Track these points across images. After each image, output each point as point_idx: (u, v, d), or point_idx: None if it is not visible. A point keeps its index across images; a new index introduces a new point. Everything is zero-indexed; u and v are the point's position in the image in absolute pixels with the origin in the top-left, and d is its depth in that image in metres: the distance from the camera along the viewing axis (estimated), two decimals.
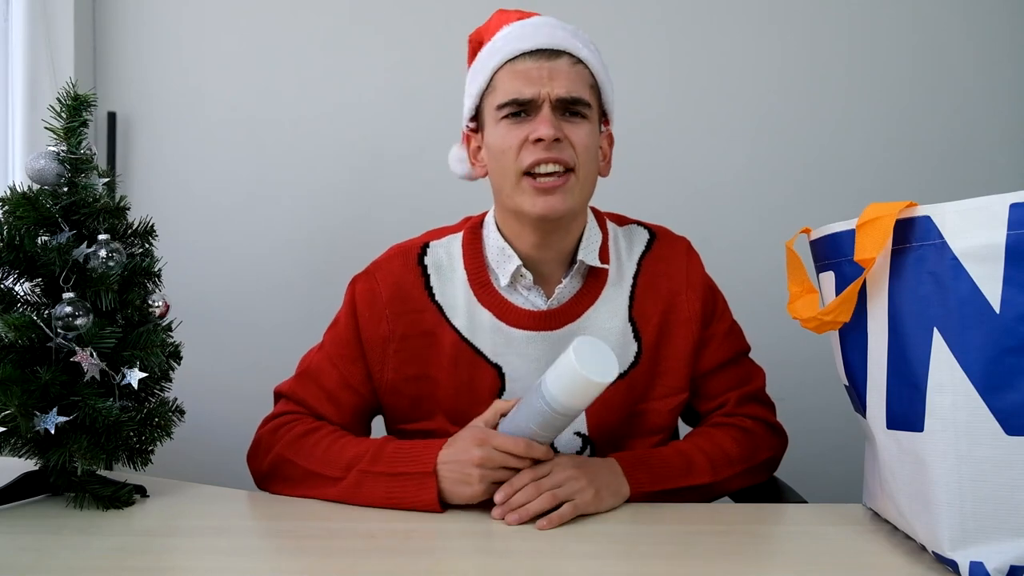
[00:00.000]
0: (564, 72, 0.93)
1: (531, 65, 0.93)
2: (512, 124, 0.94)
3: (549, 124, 0.91)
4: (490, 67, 0.96)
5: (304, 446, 0.95)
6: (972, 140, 1.71)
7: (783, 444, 1.07)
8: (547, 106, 0.92)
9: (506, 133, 0.94)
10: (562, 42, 0.94)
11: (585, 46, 0.96)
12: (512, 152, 0.93)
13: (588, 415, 1.00)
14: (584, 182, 0.95)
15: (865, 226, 0.73)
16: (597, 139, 0.97)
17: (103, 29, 1.73)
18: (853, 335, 0.80)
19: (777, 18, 1.72)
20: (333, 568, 0.73)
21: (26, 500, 0.90)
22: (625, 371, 1.01)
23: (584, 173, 0.94)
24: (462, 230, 1.05)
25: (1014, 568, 0.65)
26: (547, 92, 0.92)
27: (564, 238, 0.99)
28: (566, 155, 0.92)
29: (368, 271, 1.05)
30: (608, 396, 0.99)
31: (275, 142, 1.73)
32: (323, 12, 1.73)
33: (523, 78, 0.93)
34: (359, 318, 1.02)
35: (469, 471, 0.85)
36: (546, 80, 0.92)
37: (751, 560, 0.76)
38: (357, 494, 0.89)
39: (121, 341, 0.86)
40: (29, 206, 0.86)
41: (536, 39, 0.94)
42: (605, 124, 1.01)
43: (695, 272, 1.06)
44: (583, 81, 0.94)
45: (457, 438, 0.89)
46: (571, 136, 0.93)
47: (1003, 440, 0.65)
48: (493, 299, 1.00)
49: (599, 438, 1.01)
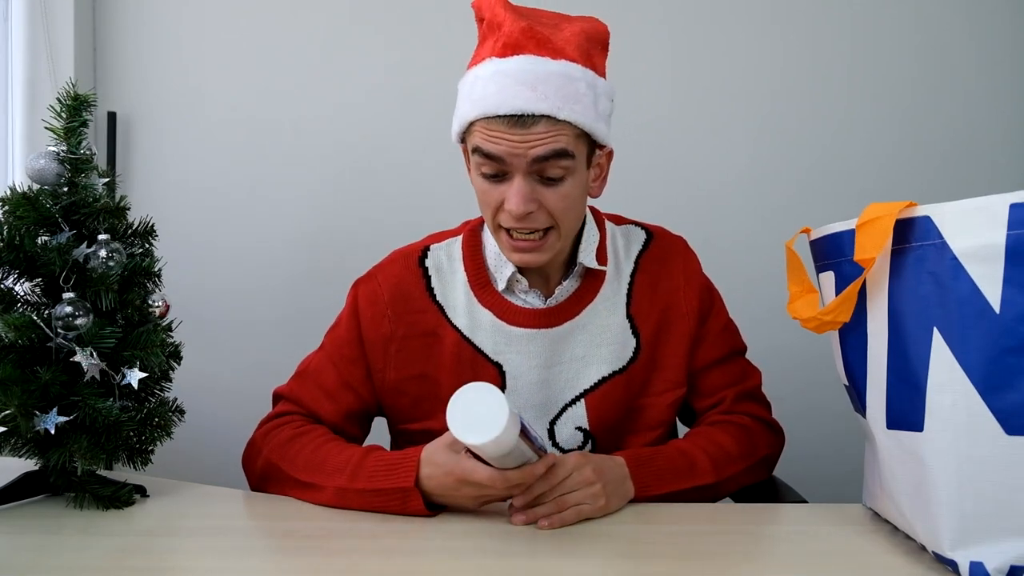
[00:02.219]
0: (540, 136, 0.86)
1: (504, 132, 0.87)
2: (488, 181, 0.91)
3: (521, 199, 0.88)
4: (466, 117, 0.91)
5: (289, 451, 0.95)
6: (972, 140, 1.71)
7: (781, 442, 1.07)
8: (520, 176, 0.88)
9: (484, 188, 0.92)
10: (539, 104, 0.85)
11: (570, 98, 0.87)
12: (489, 209, 0.93)
13: (589, 410, 1.01)
14: (567, 232, 0.95)
15: (865, 226, 0.73)
16: (581, 183, 0.93)
17: (103, 29, 1.73)
18: (853, 335, 0.80)
19: (778, 18, 1.72)
20: (333, 568, 0.73)
21: (26, 500, 0.90)
22: (624, 366, 1.02)
23: (565, 226, 0.94)
24: (462, 233, 1.06)
25: (1014, 568, 0.65)
26: (520, 160, 0.87)
27: (558, 254, 0.99)
28: (539, 222, 0.91)
29: (370, 274, 1.06)
30: (608, 391, 1.01)
31: (275, 142, 1.73)
32: (323, 12, 1.73)
33: (496, 140, 0.87)
34: (361, 318, 1.02)
35: (458, 495, 0.84)
36: (519, 148, 0.87)
37: (751, 560, 0.76)
38: (341, 505, 0.89)
39: (121, 341, 0.86)
40: (29, 206, 0.86)
41: (510, 102, 0.86)
42: (600, 148, 0.96)
43: (692, 270, 1.07)
44: (565, 136, 0.88)
45: (435, 467, 0.84)
46: (547, 201, 0.90)
47: (1003, 440, 0.65)
48: (493, 299, 1.01)
49: (600, 432, 1.02)
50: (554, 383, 1.01)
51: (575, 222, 0.97)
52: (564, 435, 1.01)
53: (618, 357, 1.02)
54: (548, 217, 0.91)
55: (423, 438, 0.89)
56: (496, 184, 0.91)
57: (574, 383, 1.01)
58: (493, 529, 0.82)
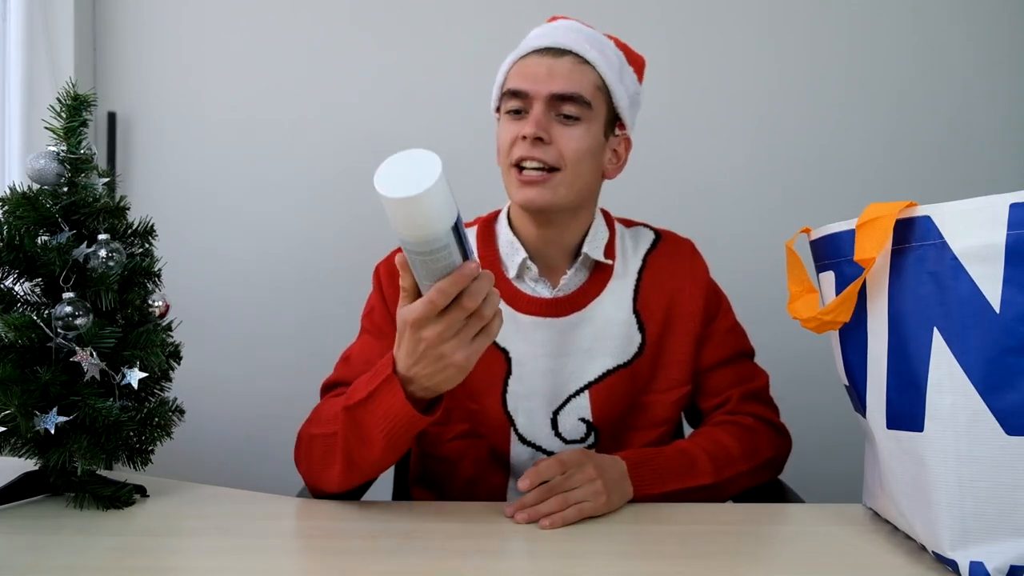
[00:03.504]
0: (565, 70, 0.95)
1: (534, 61, 0.97)
2: (511, 120, 0.98)
3: (534, 123, 0.94)
4: (506, 64, 1.01)
5: (317, 415, 0.95)
6: (972, 140, 1.71)
7: (786, 445, 1.07)
8: (540, 104, 0.95)
9: (506, 128, 0.99)
10: (570, 42, 0.97)
11: (598, 48, 0.98)
12: (507, 146, 0.98)
13: (592, 402, 1.01)
14: (572, 182, 0.96)
15: (865, 226, 0.73)
16: (595, 142, 0.98)
17: (103, 29, 1.73)
18: (853, 335, 0.80)
19: (777, 18, 1.72)
20: (333, 568, 0.73)
21: (26, 500, 0.90)
22: (629, 361, 1.03)
23: (572, 174, 0.96)
24: (477, 224, 1.10)
25: (1014, 568, 0.65)
26: (542, 88, 0.95)
27: (565, 232, 1.02)
28: (548, 156, 0.95)
29: (389, 256, 1.09)
30: (612, 384, 1.02)
31: (275, 142, 1.73)
32: (323, 12, 1.73)
33: (524, 74, 0.97)
34: (386, 294, 1.05)
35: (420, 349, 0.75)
36: (543, 77, 0.95)
37: (751, 560, 0.76)
38: (357, 437, 0.84)
39: (121, 341, 0.86)
40: (29, 206, 0.86)
41: (546, 38, 0.98)
42: (620, 128, 1.03)
43: (698, 271, 1.09)
44: (586, 80, 0.96)
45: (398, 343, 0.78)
46: (559, 139, 0.95)
47: (1003, 440, 0.65)
48: (504, 286, 1.03)
49: (603, 425, 1.03)
50: (559, 373, 1.02)
51: (584, 176, 0.98)
52: (567, 425, 1.02)
53: (623, 351, 1.03)
54: (557, 156, 0.95)
55: (441, 416, 0.86)
56: (517, 121, 0.97)
57: (579, 374, 1.02)
58: (493, 529, 0.82)
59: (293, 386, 1.69)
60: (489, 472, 1.04)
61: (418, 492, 1.12)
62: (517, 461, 1.03)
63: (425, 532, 0.81)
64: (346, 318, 1.21)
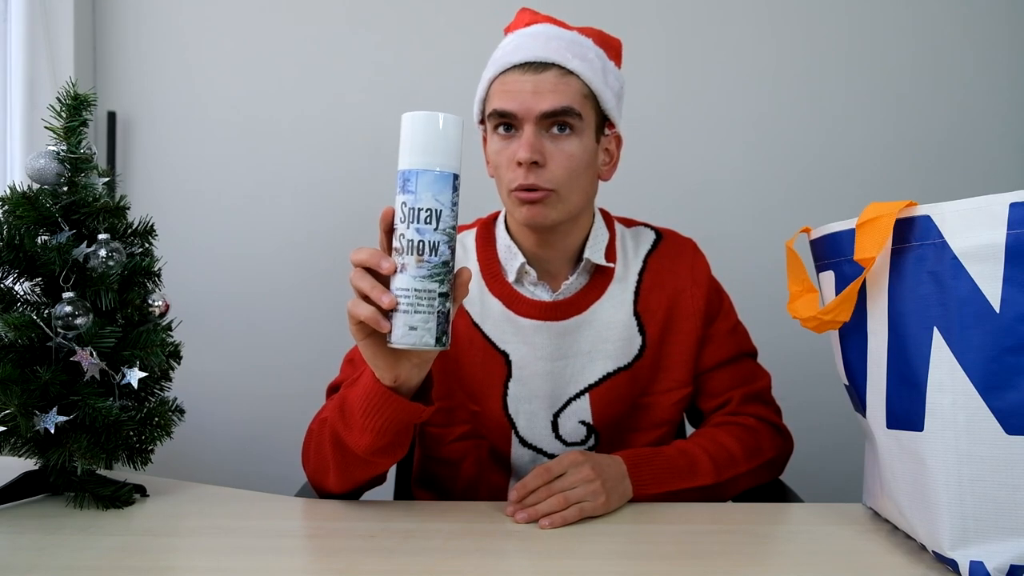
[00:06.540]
0: (550, 85, 0.93)
1: (516, 79, 0.94)
2: (502, 139, 0.96)
3: (528, 147, 0.92)
4: (486, 78, 0.99)
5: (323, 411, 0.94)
6: (972, 140, 1.72)
7: (788, 446, 1.07)
8: (530, 125, 0.93)
9: (498, 148, 0.97)
10: (551, 54, 0.94)
11: (579, 56, 0.95)
12: (502, 169, 0.96)
13: (593, 405, 1.01)
14: (570, 197, 0.96)
15: (865, 226, 0.73)
16: (588, 150, 0.96)
17: (103, 29, 1.73)
18: (853, 335, 0.80)
19: (776, 17, 1.72)
20: (333, 568, 0.73)
21: (26, 500, 0.90)
22: (629, 363, 1.03)
23: (568, 191, 0.95)
24: (476, 227, 1.09)
25: (1014, 568, 0.65)
26: (531, 108, 0.92)
27: (565, 239, 1.02)
28: (543, 179, 0.93)
29: None
30: (613, 387, 1.02)
31: (275, 142, 1.73)
32: (323, 13, 1.73)
33: (508, 92, 0.94)
34: None
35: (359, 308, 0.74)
36: (529, 96, 0.93)
37: (751, 560, 0.76)
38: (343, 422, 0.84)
39: (121, 341, 0.86)
40: (29, 206, 0.86)
41: (525, 51, 0.94)
42: (610, 128, 1.02)
43: (700, 271, 1.08)
44: (572, 92, 0.94)
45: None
46: (554, 157, 0.93)
47: (1003, 440, 0.65)
48: (503, 289, 1.03)
49: (603, 428, 1.02)
50: (559, 376, 1.02)
51: (580, 188, 0.97)
52: (568, 428, 1.02)
53: (624, 354, 1.02)
54: (553, 177, 0.93)
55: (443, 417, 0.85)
56: (509, 141, 0.95)
57: (579, 377, 1.02)
58: (493, 529, 0.82)
59: (293, 386, 1.69)
60: (491, 473, 1.04)
61: (420, 494, 1.12)
62: (518, 463, 1.03)
63: (425, 532, 0.81)
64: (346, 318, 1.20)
